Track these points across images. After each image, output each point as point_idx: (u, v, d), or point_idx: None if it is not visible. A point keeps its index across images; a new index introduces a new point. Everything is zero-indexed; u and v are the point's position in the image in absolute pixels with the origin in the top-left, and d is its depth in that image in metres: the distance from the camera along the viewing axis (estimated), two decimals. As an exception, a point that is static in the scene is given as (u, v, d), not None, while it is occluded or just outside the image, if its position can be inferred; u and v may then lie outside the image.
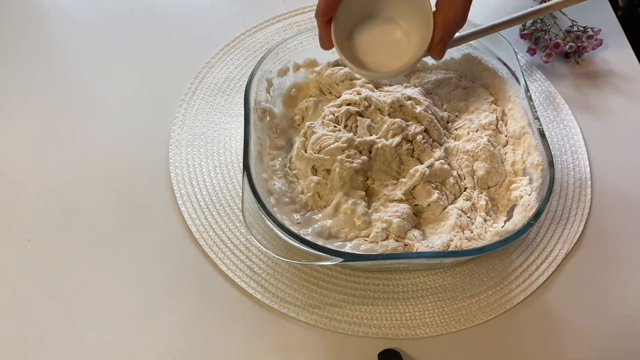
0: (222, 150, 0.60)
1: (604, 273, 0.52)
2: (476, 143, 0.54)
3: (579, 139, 0.61)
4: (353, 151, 0.52)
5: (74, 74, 0.67)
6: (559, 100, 0.64)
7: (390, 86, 0.60)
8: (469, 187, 0.53)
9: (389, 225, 0.49)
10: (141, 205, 0.56)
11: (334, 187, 0.52)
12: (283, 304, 0.49)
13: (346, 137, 0.52)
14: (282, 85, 0.60)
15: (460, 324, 0.49)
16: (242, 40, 0.69)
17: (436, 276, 0.52)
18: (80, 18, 0.72)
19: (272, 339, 0.48)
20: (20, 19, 0.72)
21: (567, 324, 0.49)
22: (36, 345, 0.48)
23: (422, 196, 0.52)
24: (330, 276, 0.51)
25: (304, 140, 0.55)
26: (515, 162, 0.54)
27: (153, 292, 0.50)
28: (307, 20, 0.72)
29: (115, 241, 0.53)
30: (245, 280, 0.51)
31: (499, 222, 0.51)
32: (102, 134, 0.61)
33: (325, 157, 0.52)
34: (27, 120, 0.62)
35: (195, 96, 0.64)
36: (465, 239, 0.49)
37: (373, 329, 0.49)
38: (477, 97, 0.60)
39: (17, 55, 0.68)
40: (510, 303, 0.50)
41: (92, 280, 0.51)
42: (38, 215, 0.55)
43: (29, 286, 0.51)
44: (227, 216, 0.55)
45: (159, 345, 0.48)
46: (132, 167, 0.58)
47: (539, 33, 0.68)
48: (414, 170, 0.52)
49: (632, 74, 0.67)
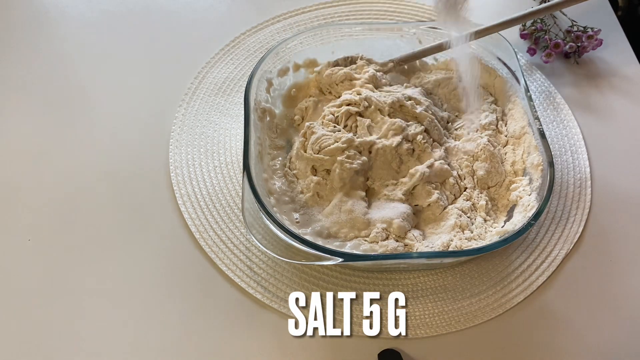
0: (222, 150, 0.60)
1: (604, 273, 0.52)
2: (476, 143, 0.55)
3: (579, 139, 0.61)
4: (353, 152, 0.52)
5: (74, 74, 0.67)
6: (559, 100, 0.64)
7: (390, 86, 0.60)
8: (469, 187, 0.53)
9: (389, 225, 0.49)
10: (141, 205, 0.56)
11: (334, 187, 0.52)
12: (283, 304, 0.49)
13: (346, 138, 0.52)
14: (282, 85, 0.60)
15: (460, 324, 0.49)
16: (242, 40, 0.69)
17: (436, 276, 0.52)
18: (80, 18, 0.72)
19: (272, 338, 0.48)
20: (20, 18, 0.72)
21: (567, 324, 0.49)
22: (36, 345, 0.48)
23: (422, 196, 0.52)
24: (330, 276, 0.51)
25: (304, 140, 0.55)
26: (515, 162, 0.54)
27: (153, 292, 0.50)
28: (307, 20, 0.72)
29: (115, 241, 0.53)
30: (245, 280, 0.51)
31: (499, 222, 0.51)
32: (102, 134, 0.61)
33: (325, 158, 0.52)
34: (27, 120, 0.62)
35: (195, 96, 0.64)
36: (465, 239, 0.49)
37: (373, 329, 0.49)
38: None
39: (17, 55, 0.68)
40: (510, 303, 0.50)
41: (92, 279, 0.51)
42: (38, 215, 0.55)
43: (29, 286, 0.50)
44: (227, 216, 0.55)
45: (158, 345, 0.48)
46: (132, 167, 0.58)
47: (539, 33, 0.68)
48: (414, 171, 0.52)
49: (632, 74, 0.67)
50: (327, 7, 0.73)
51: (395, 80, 0.62)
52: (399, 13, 0.73)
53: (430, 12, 0.72)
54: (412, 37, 0.61)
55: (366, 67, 0.60)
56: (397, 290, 0.51)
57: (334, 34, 0.60)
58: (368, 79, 0.58)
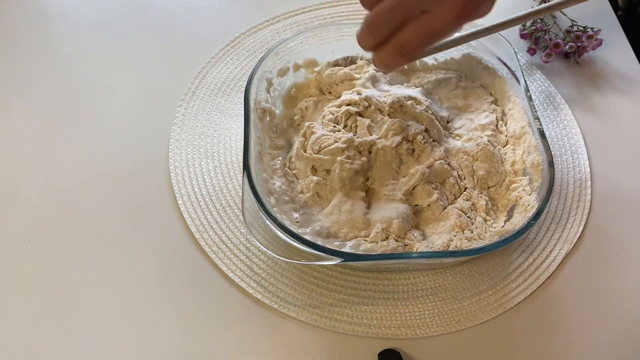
0: (222, 150, 0.60)
1: (604, 273, 0.52)
2: (476, 143, 0.54)
3: (579, 139, 0.61)
4: (353, 152, 0.52)
5: (74, 74, 0.67)
6: (558, 100, 0.64)
7: (390, 86, 0.60)
8: (469, 187, 0.53)
9: (389, 225, 0.49)
10: (141, 205, 0.56)
11: (334, 187, 0.52)
12: (283, 304, 0.49)
13: (346, 138, 0.52)
14: (282, 85, 0.60)
15: (460, 324, 0.49)
16: (242, 40, 0.69)
17: (436, 276, 0.52)
18: (80, 18, 0.72)
19: (272, 338, 0.48)
20: (20, 19, 0.72)
21: (567, 324, 0.49)
22: (36, 344, 0.48)
23: (422, 196, 0.52)
24: (330, 276, 0.51)
25: (304, 140, 0.54)
26: (515, 162, 0.54)
27: (153, 292, 0.50)
28: (307, 20, 0.72)
29: (115, 241, 0.53)
30: (245, 280, 0.51)
31: (498, 222, 0.51)
32: (102, 134, 0.61)
33: (325, 158, 0.52)
34: (27, 120, 0.62)
35: (195, 96, 0.64)
36: (465, 239, 0.49)
37: (373, 329, 0.49)
38: (477, 97, 0.60)
39: (17, 55, 0.68)
40: (510, 303, 0.50)
41: (92, 280, 0.51)
42: (38, 215, 0.55)
43: (29, 286, 0.51)
44: (227, 216, 0.55)
45: (158, 345, 0.48)
46: (132, 167, 0.58)
47: (539, 33, 0.68)
48: (414, 170, 0.52)
49: (632, 74, 0.67)
50: (327, 7, 0.73)
51: (395, 80, 0.62)
52: (399, 13, 0.73)
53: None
54: None
55: (366, 67, 0.60)
56: (397, 290, 0.51)
57: (334, 34, 0.60)
58: (368, 78, 0.58)
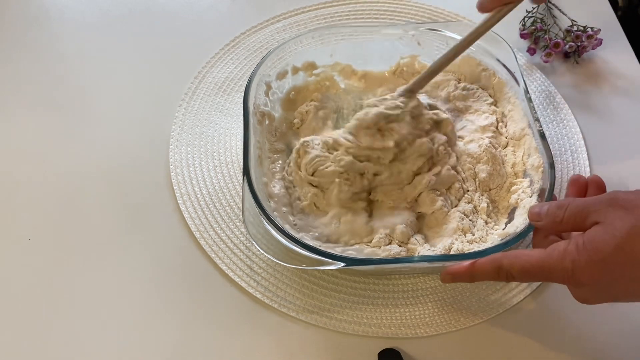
0: (222, 150, 0.60)
1: (604, 273, 0.52)
2: (478, 145, 0.54)
3: (579, 139, 0.61)
4: (353, 174, 0.50)
5: (74, 74, 0.67)
6: (558, 100, 0.64)
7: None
8: (470, 190, 0.53)
9: (392, 231, 0.49)
10: (141, 204, 0.56)
11: (331, 203, 0.51)
12: (283, 304, 0.49)
13: (345, 162, 0.50)
14: (281, 88, 0.59)
15: (460, 323, 0.49)
16: (242, 40, 0.69)
17: (436, 276, 0.52)
18: (80, 18, 0.72)
19: (272, 338, 0.48)
20: (20, 19, 0.72)
21: (567, 324, 0.50)
22: (36, 344, 0.48)
23: (426, 204, 0.51)
24: (330, 275, 0.51)
25: (297, 157, 0.53)
26: (516, 164, 0.54)
27: (153, 292, 0.50)
28: (307, 20, 0.71)
29: (115, 241, 0.53)
30: (245, 279, 0.51)
31: (500, 224, 0.51)
32: (102, 133, 0.61)
33: (321, 180, 0.50)
34: (27, 120, 0.62)
35: (195, 96, 0.64)
36: (467, 242, 0.49)
37: (373, 329, 0.49)
38: (476, 98, 0.60)
39: (17, 55, 0.68)
40: (510, 303, 0.50)
41: (92, 279, 0.51)
42: (38, 215, 0.55)
43: (29, 286, 0.51)
44: (227, 216, 0.55)
45: (158, 345, 0.48)
46: (132, 166, 0.58)
47: (538, 33, 0.68)
48: (420, 177, 0.51)
49: (632, 74, 0.67)
50: (327, 7, 0.73)
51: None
52: (399, 13, 0.73)
53: (429, 12, 0.72)
54: (411, 39, 0.60)
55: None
56: (397, 290, 0.51)
57: (333, 36, 0.59)
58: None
